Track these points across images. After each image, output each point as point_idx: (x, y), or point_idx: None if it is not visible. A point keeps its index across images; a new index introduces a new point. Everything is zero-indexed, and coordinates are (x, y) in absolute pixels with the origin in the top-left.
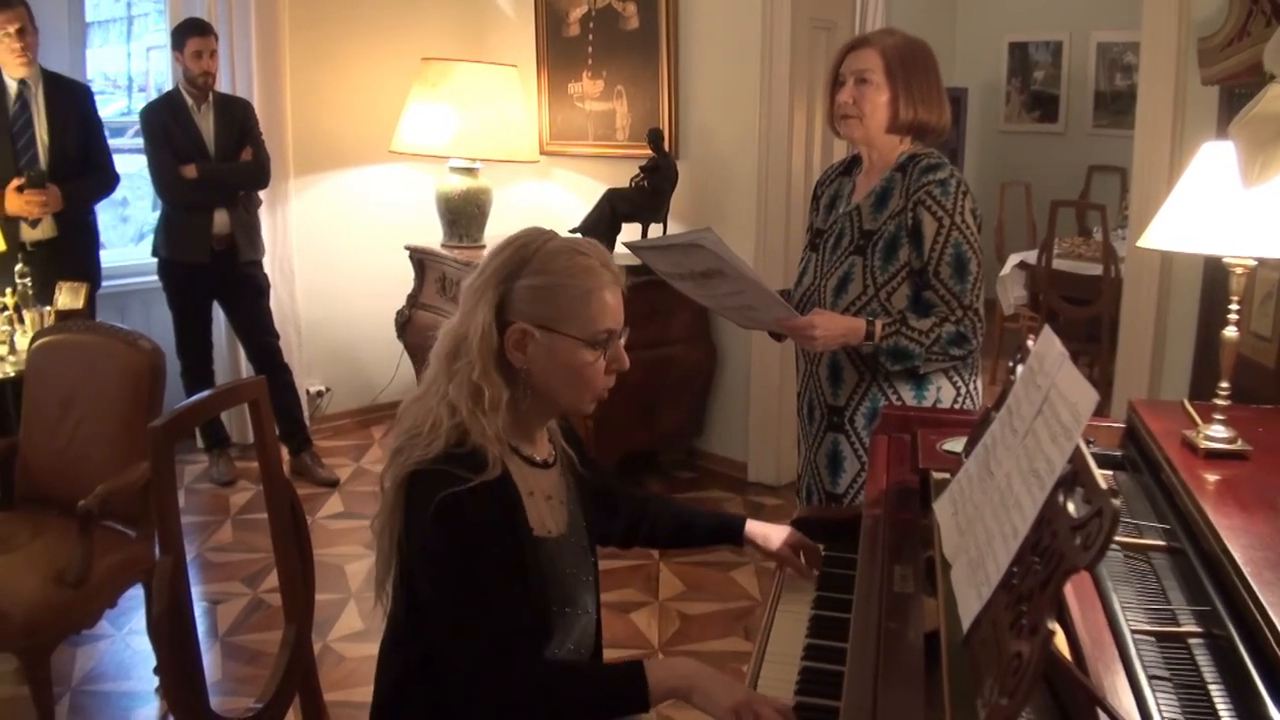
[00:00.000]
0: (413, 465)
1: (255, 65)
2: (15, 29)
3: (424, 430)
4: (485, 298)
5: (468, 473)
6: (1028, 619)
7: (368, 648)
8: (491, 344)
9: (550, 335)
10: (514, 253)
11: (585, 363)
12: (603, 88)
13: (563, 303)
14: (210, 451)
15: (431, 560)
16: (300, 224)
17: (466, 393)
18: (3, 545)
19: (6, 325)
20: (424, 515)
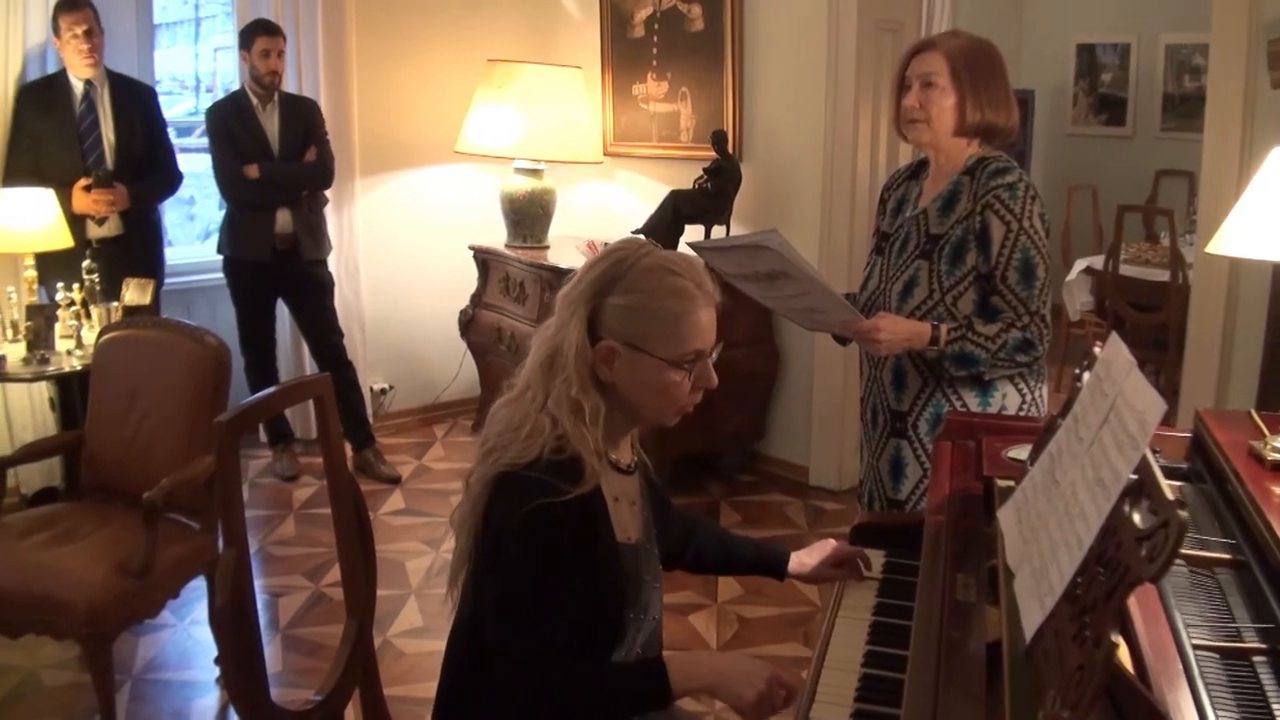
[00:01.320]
0: (505, 466)
1: (322, 66)
2: (82, 30)
3: (520, 434)
4: (578, 312)
5: (563, 482)
6: (1091, 631)
7: (427, 644)
8: (585, 359)
9: (637, 354)
10: (609, 267)
11: (671, 382)
12: (667, 89)
13: (652, 324)
14: (274, 446)
15: (508, 563)
16: (366, 223)
17: (567, 407)
18: (68, 535)
19: (74, 320)
20: (511, 517)
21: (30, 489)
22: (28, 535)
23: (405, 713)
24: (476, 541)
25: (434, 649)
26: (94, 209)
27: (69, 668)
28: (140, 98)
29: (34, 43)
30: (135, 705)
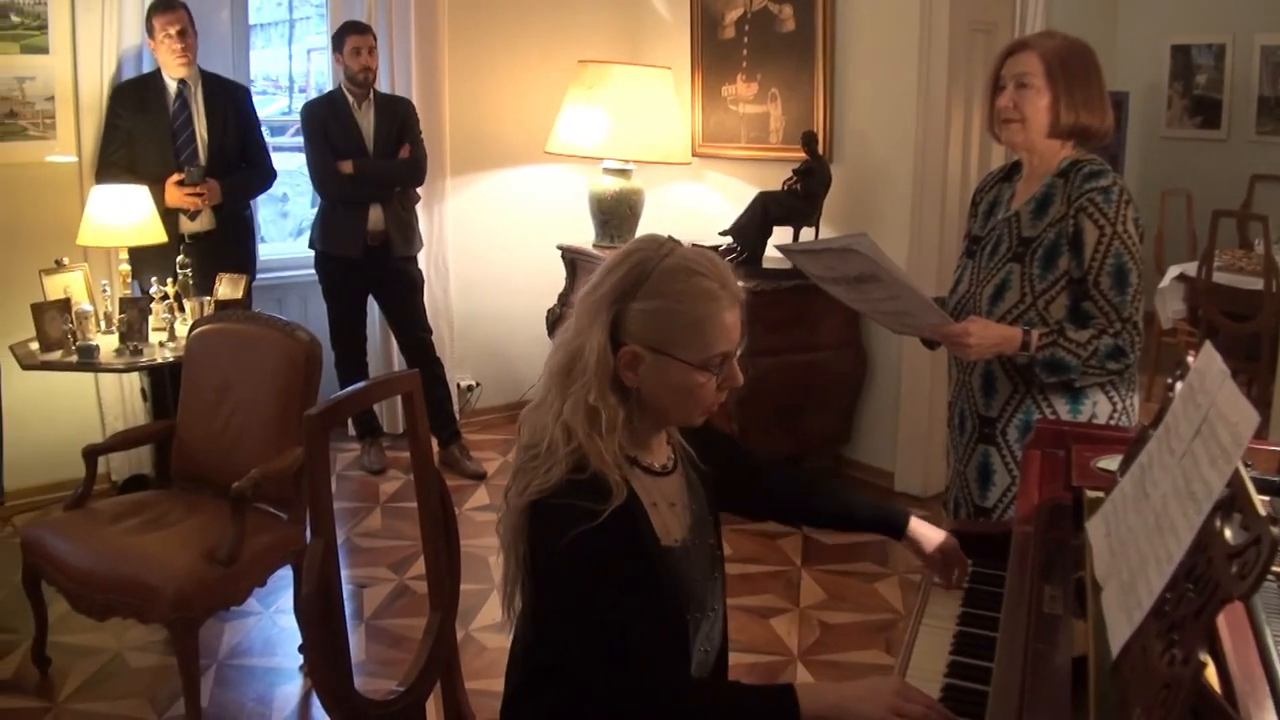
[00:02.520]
0: (533, 495)
1: (415, 67)
2: (176, 30)
3: (542, 451)
4: (599, 318)
5: (592, 502)
6: (1179, 648)
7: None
8: (607, 366)
9: (662, 358)
10: (629, 271)
11: (697, 384)
12: (757, 90)
13: (676, 328)
14: (362, 440)
15: (567, 594)
16: (456, 221)
17: (583, 414)
18: (158, 522)
19: (167, 314)
20: (553, 547)
21: (121, 476)
22: (118, 521)
23: (485, 706)
24: (525, 569)
25: None
26: (185, 204)
27: (154, 650)
28: (234, 96)
29: (129, 43)
30: (219, 689)
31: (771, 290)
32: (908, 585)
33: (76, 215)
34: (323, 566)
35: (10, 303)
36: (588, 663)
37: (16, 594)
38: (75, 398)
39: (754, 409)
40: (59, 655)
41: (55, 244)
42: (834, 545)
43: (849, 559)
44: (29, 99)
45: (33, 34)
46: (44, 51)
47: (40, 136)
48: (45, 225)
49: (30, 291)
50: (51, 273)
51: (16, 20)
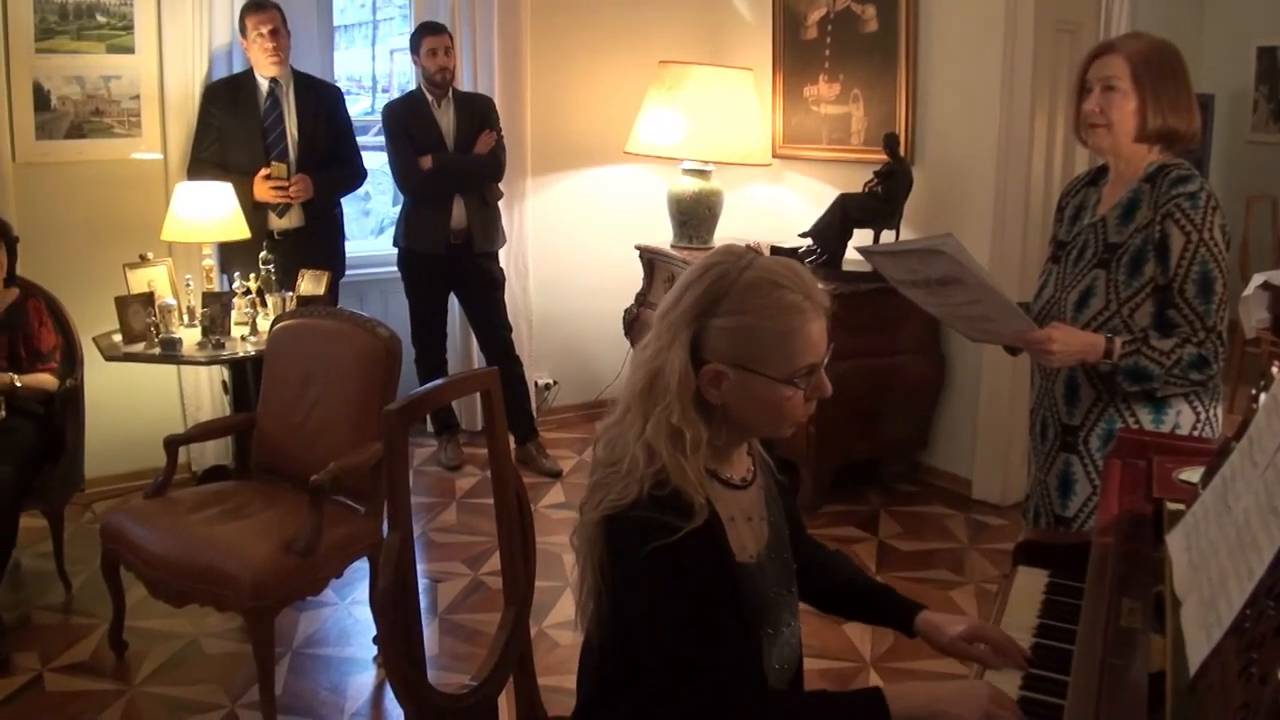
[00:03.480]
0: (609, 509)
1: (497, 67)
2: (268, 30)
3: (620, 470)
4: (680, 337)
5: (673, 518)
6: (1258, 667)
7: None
8: (689, 385)
9: (747, 375)
10: (710, 286)
11: (784, 399)
12: (839, 91)
13: (760, 344)
14: (440, 436)
15: (648, 608)
16: (536, 221)
17: (665, 435)
18: (237, 512)
19: (250, 308)
20: (631, 563)
21: (201, 466)
22: (197, 510)
23: (557, 703)
24: (602, 580)
25: None
26: (271, 198)
27: (230, 638)
28: (325, 96)
29: (220, 43)
30: (293, 678)
31: (850, 294)
32: (983, 594)
33: (161, 211)
34: (399, 560)
35: (95, 296)
36: (664, 676)
37: (95, 579)
38: (157, 389)
39: (831, 413)
40: (135, 640)
41: (140, 239)
42: (909, 552)
43: (924, 566)
44: (114, 97)
45: (119, 34)
46: (129, 51)
47: (125, 134)
48: (130, 221)
49: (114, 285)
50: (135, 267)
51: (102, 21)
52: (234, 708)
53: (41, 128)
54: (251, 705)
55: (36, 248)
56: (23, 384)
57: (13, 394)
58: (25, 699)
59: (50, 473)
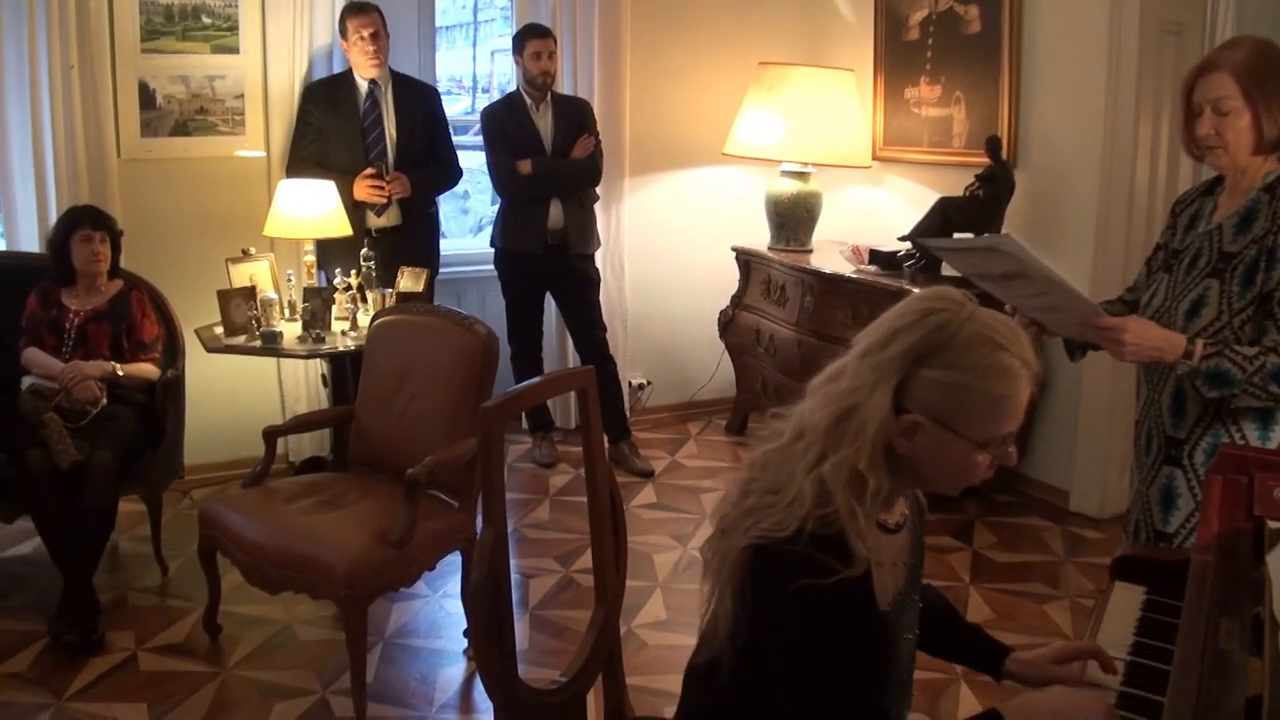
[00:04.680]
0: (761, 538)
1: (597, 68)
2: (369, 33)
3: (782, 500)
4: (886, 381)
5: (830, 559)
6: None
7: (670, 637)
8: (885, 434)
9: (945, 432)
10: (928, 334)
11: (975, 463)
12: (940, 93)
13: (970, 405)
14: (534, 434)
15: (785, 645)
16: (633, 221)
17: (846, 478)
18: (333, 503)
19: (350, 304)
20: (777, 596)
21: (299, 457)
22: (294, 500)
23: (644, 702)
24: (737, 606)
25: (676, 643)
26: (369, 197)
27: (323, 625)
28: (423, 97)
29: (320, 44)
30: (384, 667)
31: None
32: (1079, 609)
33: (263, 207)
34: (493, 555)
35: (198, 289)
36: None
37: (191, 564)
38: (257, 381)
39: None
40: (230, 624)
41: (242, 234)
42: (1004, 563)
43: (1019, 578)
44: (219, 96)
45: (223, 35)
46: (234, 52)
47: (229, 132)
48: (233, 216)
49: (217, 279)
50: (237, 261)
51: (207, 22)
52: (325, 694)
53: (147, 125)
54: (342, 692)
55: (141, 242)
56: (125, 373)
57: (115, 382)
58: (119, 677)
59: (150, 459)
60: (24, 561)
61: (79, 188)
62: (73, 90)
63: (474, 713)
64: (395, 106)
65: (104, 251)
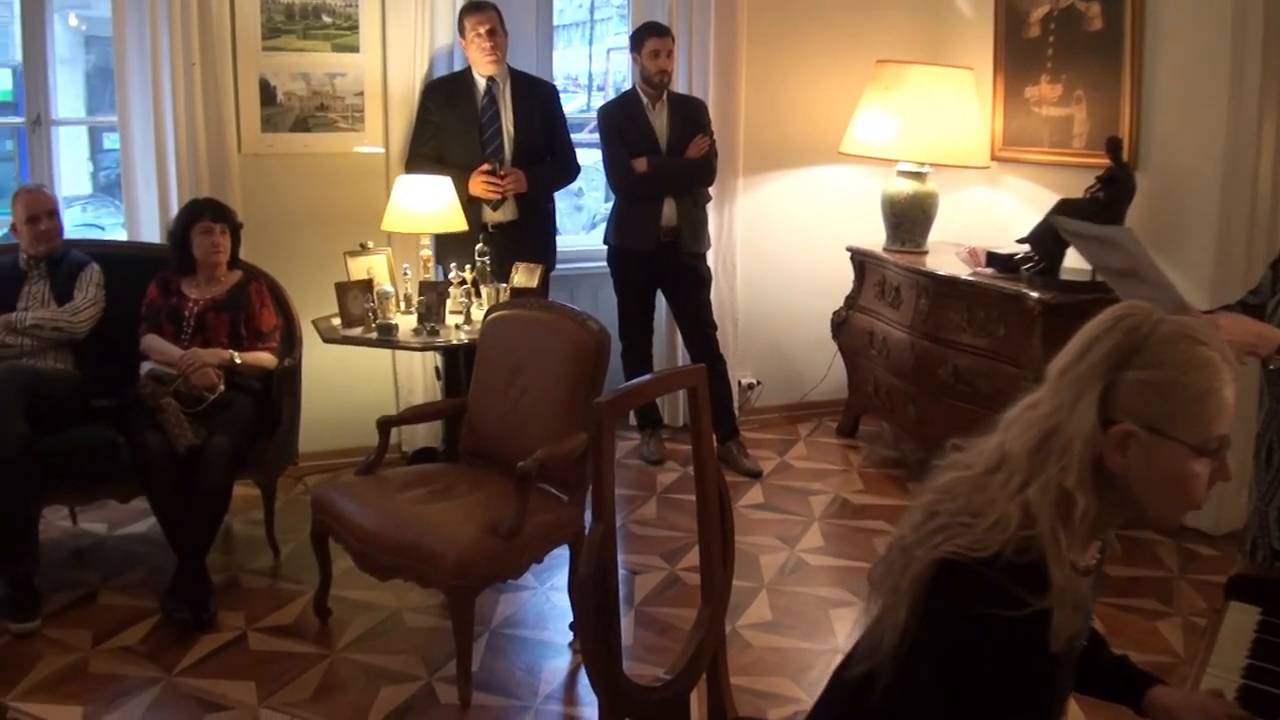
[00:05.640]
0: (955, 552)
1: (712, 66)
2: (486, 30)
3: (982, 523)
4: (1089, 392)
5: (1021, 590)
6: None
7: (774, 639)
8: (1094, 447)
9: (1158, 439)
10: (1122, 337)
11: (1193, 474)
12: (1061, 92)
13: (1177, 402)
14: (643, 430)
15: (947, 669)
16: (746, 220)
17: (1052, 499)
18: (444, 493)
19: (464, 298)
20: (954, 616)
21: (411, 447)
22: (406, 489)
23: (746, 703)
24: (908, 619)
25: (780, 645)
26: (485, 193)
27: (431, 613)
28: (541, 94)
29: (441, 43)
30: (490, 656)
31: (1070, 304)
32: (1190, 628)
33: (381, 202)
34: (601, 550)
35: (316, 281)
36: None
37: (303, 548)
38: (372, 372)
39: None
40: (339, 608)
41: (360, 228)
42: (1116, 578)
43: (1131, 593)
44: (339, 94)
45: (344, 34)
46: (354, 50)
47: (349, 129)
48: (351, 211)
49: (334, 271)
50: (355, 255)
51: (328, 21)
52: (431, 680)
53: (267, 121)
54: (448, 679)
55: (261, 234)
56: (242, 361)
57: (233, 370)
58: (229, 655)
59: (266, 445)
60: (139, 540)
61: (199, 181)
62: (194, 87)
63: (578, 705)
64: (513, 103)
65: (224, 243)
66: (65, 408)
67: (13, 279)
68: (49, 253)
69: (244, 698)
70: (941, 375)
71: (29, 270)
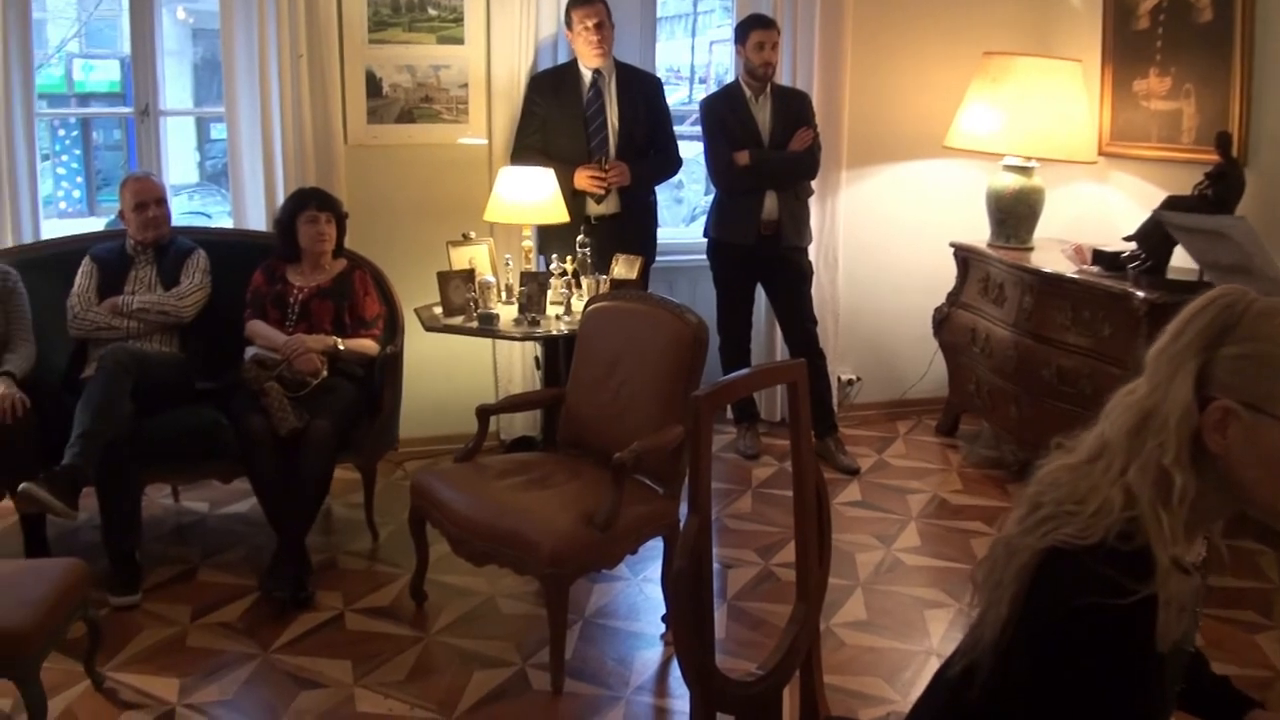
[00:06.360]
0: (1062, 540)
1: (817, 59)
2: (593, 23)
3: (1086, 509)
4: (1184, 368)
5: (1125, 579)
6: None
7: (868, 638)
8: (1190, 425)
9: (1257, 416)
10: (1216, 315)
11: None
12: (1170, 85)
13: (1277, 377)
14: (739, 424)
15: (1050, 661)
16: (848, 214)
17: (1151, 479)
18: (541, 482)
19: (565, 289)
20: (1057, 607)
21: (509, 436)
22: (503, 477)
23: (839, 702)
24: (1013, 611)
25: (874, 644)
26: (590, 187)
27: (525, 600)
28: (646, 87)
29: (545, 34)
30: (583, 645)
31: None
32: None
33: (484, 193)
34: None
35: (419, 270)
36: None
37: (401, 532)
38: (472, 360)
39: None
40: (435, 592)
41: (462, 219)
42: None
43: (1230, 604)
44: (443, 85)
45: (449, 26)
46: (459, 43)
47: (453, 120)
48: (454, 201)
49: (437, 261)
50: (457, 245)
51: (434, 14)
52: (524, 666)
53: (373, 113)
54: (540, 666)
55: (365, 224)
56: (345, 347)
57: (336, 356)
58: (326, 634)
59: (367, 430)
60: (240, 519)
61: (305, 171)
62: (301, 78)
63: (669, 697)
64: (618, 96)
65: (329, 232)
66: (170, 389)
67: (120, 264)
68: (156, 239)
69: (339, 676)
70: (1044, 375)
71: (136, 256)
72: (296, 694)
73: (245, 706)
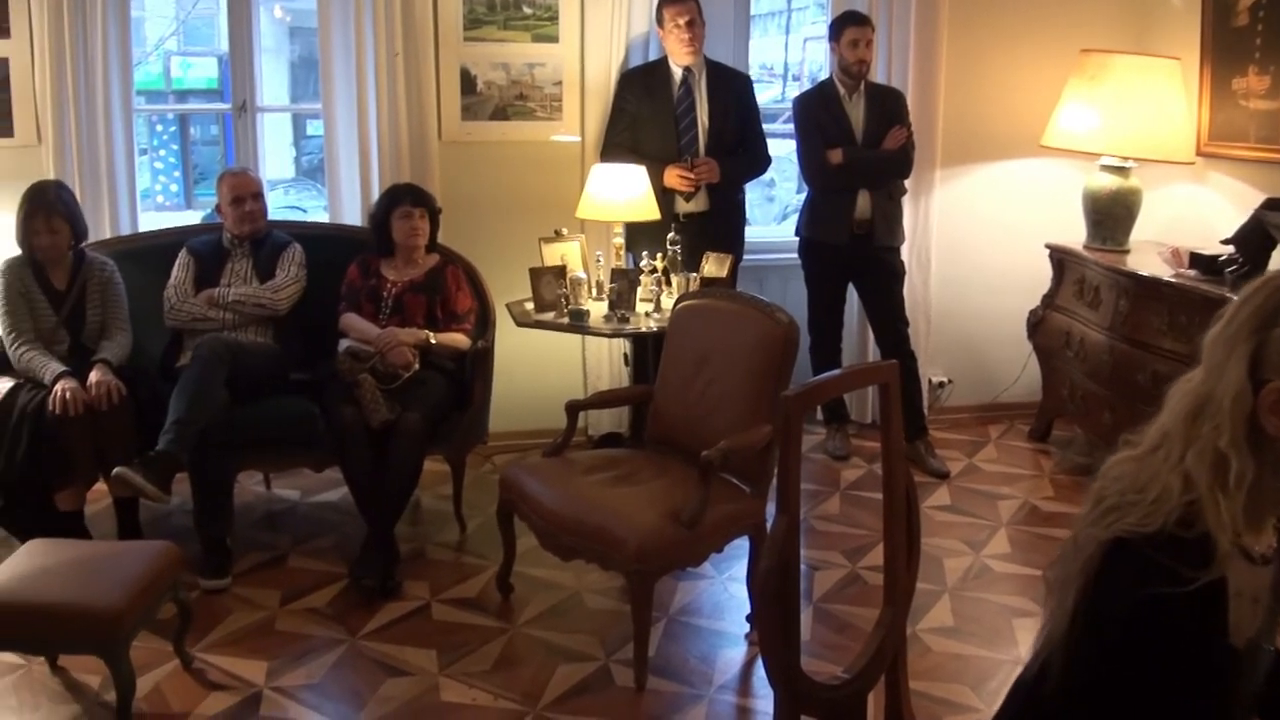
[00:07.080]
0: (1125, 531)
1: (912, 56)
2: (685, 21)
3: (1146, 497)
4: (1237, 351)
5: (1185, 567)
6: None
7: (955, 645)
8: (1244, 407)
9: None
10: (1268, 297)
11: None
12: (1269, 84)
13: None
14: (829, 425)
15: (1116, 652)
16: (942, 214)
17: (1208, 463)
18: (628, 478)
19: (655, 286)
20: (1121, 598)
21: (597, 431)
22: (591, 472)
23: (924, 709)
24: (1080, 603)
25: (961, 651)
26: (680, 185)
27: (610, 596)
28: (735, 85)
29: (637, 32)
30: (666, 642)
31: None
32: None
33: (576, 190)
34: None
35: (511, 266)
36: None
37: (490, 525)
38: (562, 356)
39: None
40: (521, 584)
41: (555, 215)
42: None
43: None
44: (537, 83)
45: (543, 24)
46: (553, 41)
47: (546, 118)
48: (546, 198)
49: (529, 257)
50: (550, 241)
51: (528, 12)
52: (608, 661)
53: (467, 110)
54: (624, 662)
55: (458, 219)
56: (437, 341)
57: (428, 350)
58: (413, 623)
59: (457, 423)
60: (331, 508)
61: (400, 168)
62: (397, 76)
63: (752, 697)
64: (708, 94)
65: (423, 227)
66: (264, 379)
67: (217, 257)
68: (253, 233)
69: (425, 665)
70: (1140, 381)
71: (232, 249)
72: (382, 680)
73: (331, 691)
